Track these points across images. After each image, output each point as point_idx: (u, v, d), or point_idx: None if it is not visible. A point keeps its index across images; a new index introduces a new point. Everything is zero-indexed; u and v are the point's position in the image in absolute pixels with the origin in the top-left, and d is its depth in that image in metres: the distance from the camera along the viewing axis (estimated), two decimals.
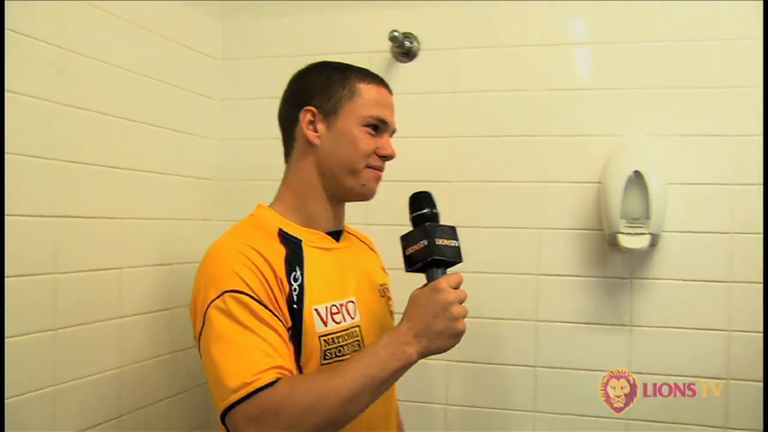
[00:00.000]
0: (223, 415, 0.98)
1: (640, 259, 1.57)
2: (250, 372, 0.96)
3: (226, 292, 1.02)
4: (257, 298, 1.02)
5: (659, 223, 1.52)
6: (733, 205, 1.54)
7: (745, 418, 1.49)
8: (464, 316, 1.00)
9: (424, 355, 0.99)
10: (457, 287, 1.02)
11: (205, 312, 1.02)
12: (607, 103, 1.59)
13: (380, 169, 1.20)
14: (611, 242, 1.54)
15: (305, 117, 1.14)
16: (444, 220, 1.57)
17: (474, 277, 1.52)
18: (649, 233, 1.51)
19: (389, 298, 1.30)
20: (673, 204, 1.55)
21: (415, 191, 1.10)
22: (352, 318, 1.14)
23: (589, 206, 1.59)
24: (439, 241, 1.03)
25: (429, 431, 1.67)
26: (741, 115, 1.53)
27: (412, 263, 1.05)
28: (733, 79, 1.53)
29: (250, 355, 0.99)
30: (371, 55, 1.70)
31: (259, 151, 1.73)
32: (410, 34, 1.69)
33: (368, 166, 1.17)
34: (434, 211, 1.08)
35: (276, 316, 1.03)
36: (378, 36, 1.66)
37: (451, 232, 1.06)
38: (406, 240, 1.06)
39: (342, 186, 1.17)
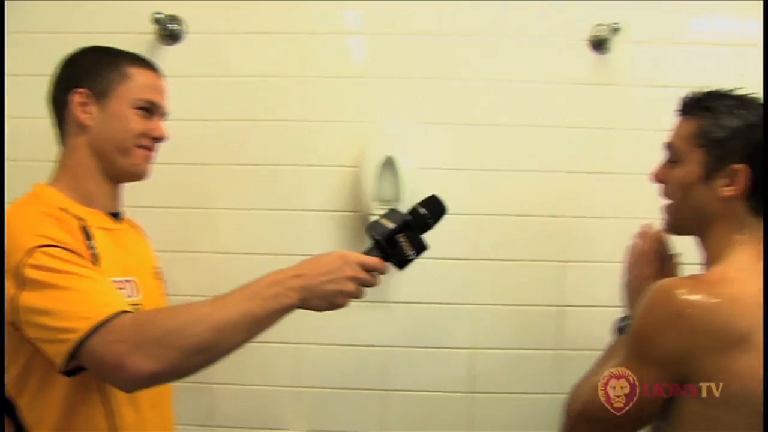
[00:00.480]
0: (73, 356, 0.94)
1: None
2: (101, 303, 0.95)
3: (39, 247, 0.98)
4: (73, 250, 1.01)
5: (410, 205, 1.60)
6: (478, 188, 1.67)
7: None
8: (352, 297, 1.04)
9: (300, 307, 1.01)
10: (369, 270, 1.04)
11: (19, 275, 0.97)
12: (365, 91, 1.67)
13: (150, 149, 1.22)
14: (365, 223, 1.61)
15: (76, 99, 1.15)
16: (204, 203, 1.59)
17: (233, 258, 1.60)
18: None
19: (163, 281, 1.32)
20: (425, 188, 1.64)
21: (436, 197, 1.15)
22: (132, 297, 1.13)
23: (348, 189, 1.65)
24: (384, 225, 1.08)
25: None
26: (486, 106, 1.68)
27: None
28: (479, 72, 1.68)
29: (92, 295, 0.97)
30: (136, 36, 1.66)
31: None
32: (175, 17, 1.67)
33: (139, 146, 1.19)
34: (427, 217, 1.12)
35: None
36: (142, 18, 1.62)
37: (415, 240, 1.09)
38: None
39: (114, 165, 1.19)
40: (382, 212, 1.51)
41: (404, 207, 1.49)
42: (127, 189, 1.28)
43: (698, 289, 0.96)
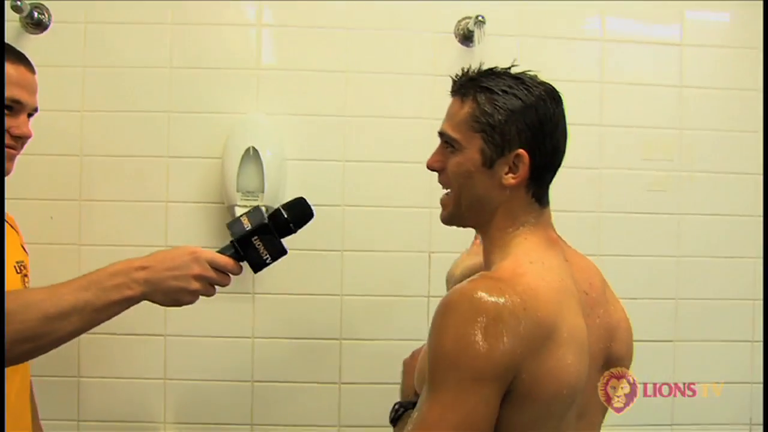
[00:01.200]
0: None
1: None
2: None
3: None
4: None
5: (274, 196, 1.61)
6: (344, 179, 1.69)
7: None
8: (199, 294, 1.01)
9: (145, 300, 0.98)
10: (219, 270, 1.02)
11: None
12: (230, 82, 1.67)
13: (13, 147, 1.19)
14: (231, 214, 1.61)
15: None
16: (72, 194, 1.60)
17: (100, 250, 1.62)
18: (264, 206, 1.59)
19: (25, 275, 1.29)
20: (290, 179, 1.65)
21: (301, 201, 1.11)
22: None
23: (213, 180, 1.64)
24: (243, 224, 1.05)
25: None
26: (352, 97, 1.69)
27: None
28: (346, 64, 1.70)
29: None
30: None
31: None
32: (40, 5, 1.65)
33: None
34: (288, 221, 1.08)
35: None
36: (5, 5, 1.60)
37: (270, 239, 1.04)
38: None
39: None
40: (246, 204, 1.53)
41: (269, 198, 1.52)
42: None
43: (499, 289, 0.86)
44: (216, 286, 1.06)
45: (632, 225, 1.71)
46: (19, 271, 1.26)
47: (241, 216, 1.07)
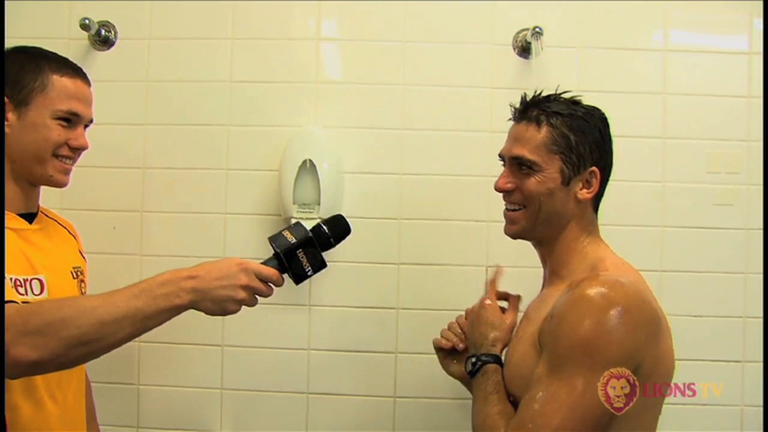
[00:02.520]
0: None
1: None
2: None
3: None
4: None
5: (330, 209, 1.62)
6: (401, 192, 1.69)
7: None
8: (244, 304, 1.05)
9: (192, 308, 1.02)
10: (265, 281, 1.05)
11: None
12: (286, 96, 1.69)
13: (70, 159, 1.23)
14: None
15: None
16: (133, 206, 1.66)
17: (160, 260, 1.64)
18: (320, 218, 1.60)
19: (82, 281, 1.33)
20: (347, 191, 1.66)
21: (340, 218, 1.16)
22: (37, 295, 1.15)
23: (270, 193, 1.66)
24: (287, 238, 1.08)
25: None
26: (409, 110, 1.69)
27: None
28: (403, 77, 1.70)
29: None
30: (69, 41, 1.70)
31: None
32: (107, 23, 1.70)
33: (56, 156, 1.21)
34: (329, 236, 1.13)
35: None
36: (74, 23, 1.66)
37: (313, 252, 1.09)
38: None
39: (31, 173, 1.20)
40: (302, 216, 1.55)
41: (326, 211, 1.53)
42: (58, 191, 1.30)
43: (621, 285, 0.98)
44: (260, 297, 1.09)
45: (697, 240, 1.65)
46: (75, 276, 1.30)
47: (282, 230, 1.11)
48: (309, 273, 1.08)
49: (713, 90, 1.67)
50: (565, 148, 1.08)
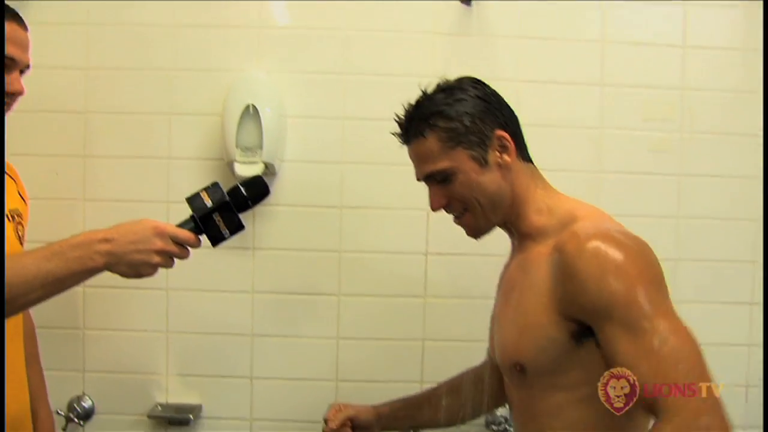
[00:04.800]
0: None
1: None
2: None
3: None
4: None
5: (273, 153, 1.63)
6: (342, 137, 1.70)
7: None
8: (158, 267, 1.06)
9: (106, 270, 1.03)
10: (181, 244, 1.06)
11: None
12: (229, 40, 1.69)
13: (5, 104, 1.20)
14: (231, 171, 1.64)
15: None
16: (75, 150, 1.65)
17: (102, 205, 1.64)
18: (263, 162, 1.61)
19: (19, 223, 1.32)
20: (292, 136, 1.67)
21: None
22: None
23: (213, 137, 1.67)
24: (204, 201, 1.09)
25: None
26: (351, 55, 1.70)
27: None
28: (344, 21, 1.70)
29: None
30: None
31: None
32: None
33: None
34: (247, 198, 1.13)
35: None
36: None
37: (230, 216, 1.10)
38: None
39: None
40: (245, 160, 1.56)
41: (268, 155, 1.54)
42: None
43: (621, 229, 1.06)
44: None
45: (633, 185, 1.70)
46: (11, 218, 1.28)
47: (200, 191, 1.12)
48: (226, 236, 1.09)
49: (649, 39, 1.70)
50: (459, 136, 1.08)
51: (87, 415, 1.72)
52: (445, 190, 1.11)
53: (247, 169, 1.61)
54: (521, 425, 1.15)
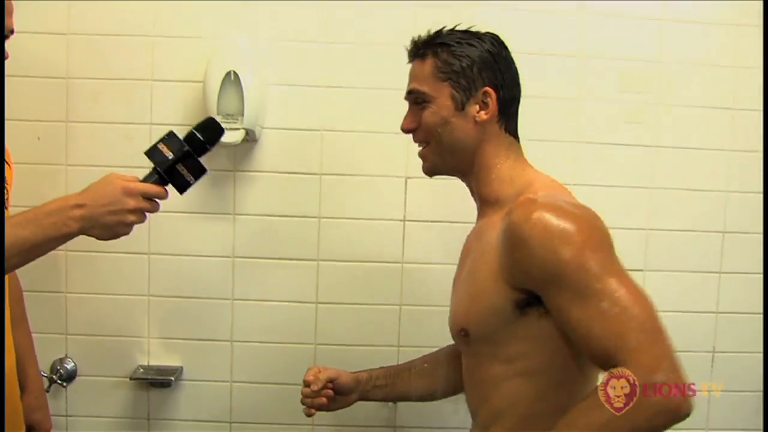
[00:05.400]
0: None
1: (243, 153, 1.70)
2: None
3: None
4: None
5: (254, 120, 1.65)
6: (323, 104, 1.72)
7: None
8: (133, 225, 1.08)
9: (82, 234, 1.05)
10: (150, 198, 1.08)
11: None
12: (210, 7, 1.70)
13: None
14: None
15: None
16: (58, 116, 1.68)
17: (86, 171, 1.65)
18: (244, 128, 1.63)
19: (3, 187, 1.33)
20: (274, 103, 1.69)
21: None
22: None
23: (195, 103, 1.68)
24: (164, 153, 1.11)
25: None
26: (334, 23, 1.72)
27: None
28: None
29: None
30: None
31: None
32: None
33: None
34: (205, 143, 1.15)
35: None
36: None
37: (192, 163, 1.12)
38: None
39: None
40: (227, 126, 1.57)
41: (249, 122, 1.56)
42: None
43: (569, 198, 1.07)
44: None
45: (608, 155, 1.73)
46: None
47: (157, 143, 1.14)
48: (191, 182, 1.12)
49: (627, 12, 1.72)
50: (451, 73, 1.09)
51: (70, 376, 1.74)
52: (417, 114, 1.13)
53: (228, 135, 1.62)
54: (468, 392, 1.17)
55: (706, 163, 1.75)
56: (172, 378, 1.71)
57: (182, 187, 1.12)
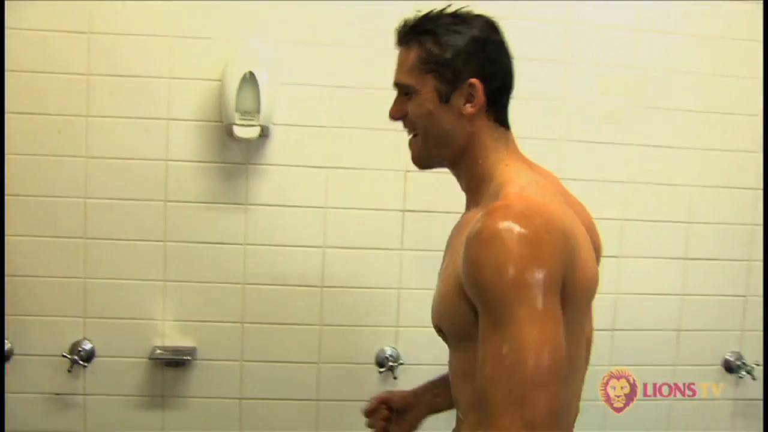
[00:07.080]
0: None
1: (255, 147, 1.82)
2: None
3: None
4: None
5: (268, 117, 1.78)
6: (331, 104, 1.86)
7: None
8: None
9: None
10: None
11: None
12: (227, 10, 1.81)
13: None
14: (229, 132, 1.77)
15: None
16: (77, 110, 1.77)
17: (104, 163, 1.76)
18: (260, 125, 1.76)
19: None
20: (285, 101, 1.82)
21: None
22: None
23: (211, 101, 1.80)
24: None
25: None
26: (345, 26, 1.84)
27: None
28: None
29: None
30: None
31: None
32: None
33: None
34: None
35: None
36: None
37: None
38: None
39: None
40: (243, 123, 1.70)
41: (263, 119, 1.69)
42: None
43: (524, 215, 0.91)
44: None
45: (590, 152, 1.94)
46: None
47: None
48: None
49: (607, 22, 1.90)
50: (436, 64, 1.03)
51: (88, 357, 1.84)
52: (403, 104, 1.09)
53: (245, 132, 1.76)
54: (451, 382, 1.13)
55: (675, 160, 1.95)
56: (189, 357, 1.82)
57: None
